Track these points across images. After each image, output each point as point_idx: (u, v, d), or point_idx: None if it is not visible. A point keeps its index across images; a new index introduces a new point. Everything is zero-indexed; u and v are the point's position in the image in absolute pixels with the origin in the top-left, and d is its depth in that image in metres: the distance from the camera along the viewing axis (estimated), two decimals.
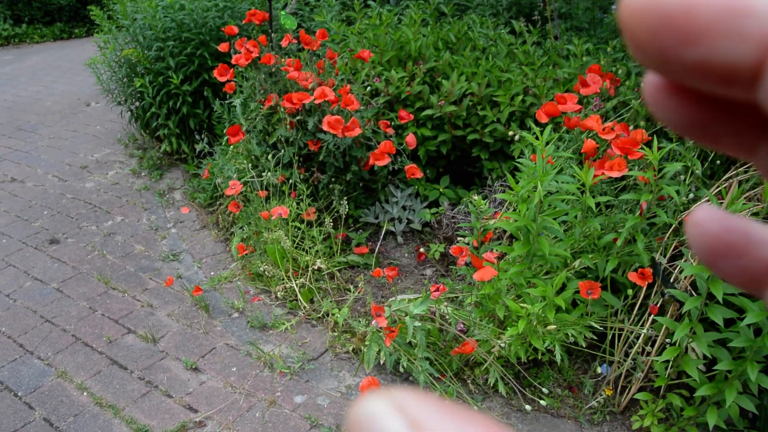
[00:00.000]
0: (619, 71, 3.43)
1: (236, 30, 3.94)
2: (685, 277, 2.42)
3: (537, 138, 2.45)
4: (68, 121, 6.40)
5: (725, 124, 0.25)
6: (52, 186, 4.90)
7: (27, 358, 3.07)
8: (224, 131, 3.77)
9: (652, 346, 2.48)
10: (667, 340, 2.42)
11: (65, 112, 6.74)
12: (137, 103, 5.18)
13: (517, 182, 2.49)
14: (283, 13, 4.22)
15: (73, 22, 11.00)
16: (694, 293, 2.36)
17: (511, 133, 3.29)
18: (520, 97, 3.59)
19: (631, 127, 2.89)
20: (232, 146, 3.74)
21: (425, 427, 0.20)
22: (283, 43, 3.83)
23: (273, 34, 4.10)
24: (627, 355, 2.57)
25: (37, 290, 3.58)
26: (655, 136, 2.67)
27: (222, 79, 3.79)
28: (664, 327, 2.43)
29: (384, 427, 0.20)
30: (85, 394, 2.82)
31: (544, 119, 2.91)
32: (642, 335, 2.47)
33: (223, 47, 3.90)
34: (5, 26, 10.64)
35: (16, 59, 9.43)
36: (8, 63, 9.19)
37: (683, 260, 2.50)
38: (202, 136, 4.52)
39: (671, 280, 2.48)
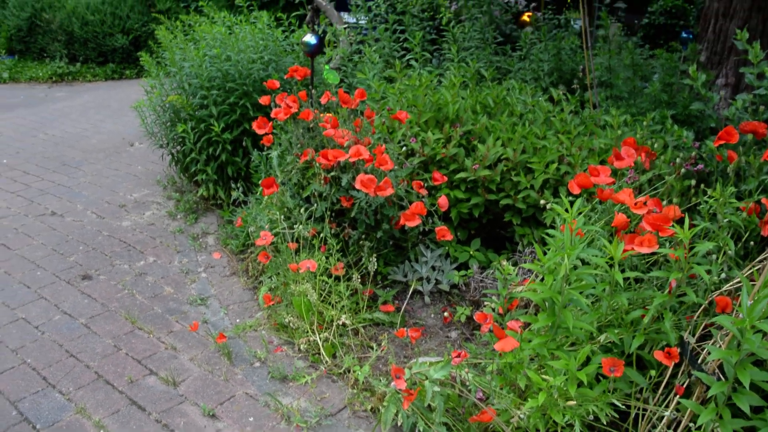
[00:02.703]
0: (656, 144, 3.43)
1: (278, 84, 4.04)
2: (714, 360, 2.37)
3: (567, 210, 2.46)
4: (111, 160, 6.56)
5: None
6: (90, 222, 5.00)
7: (49, 391, 3.10)
8: (260, 181, 3.83)
9: (676, 429, 2.42)
10: (692, 424, 2.36)
11: (109, 150, 6.91)
12: (178, 147, 5.30)
13: (546, 252, 2.48)
14: (327, 67, 4.32)
15: (125, 64, 11.33)
16: (722, 377, 2.32)
17: (543, 201, 3.29)
18: (555, 165, 3.61)
19: (664, 203, 2.88)
20: (266, 197, 3.80)
21: None
22: (323, 100, 3.91)
23: (314, 90, 4.19)
24: None
25: (65, 324, 3.64)
26: (687, 213, 2.65)
27: (261, 132, 3.87)
28: (689, 410, 2.37)
29: None
30: None
31: (576, 190, 2.92)
32: (666, 417, 2.41)
33: (264, 100, 4.00)
34: (60, 64, 11.01)
35: (68, 96, 9.73)
36: (60, 99, 9.48)
37: (712, 342, 2.45)
38: (239, 184, 4.60)
39: (699, 361, 2.43)
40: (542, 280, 2.58)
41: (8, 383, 3.16)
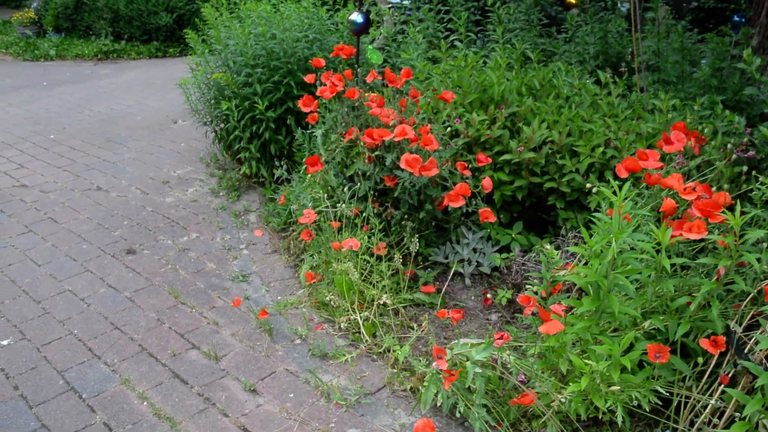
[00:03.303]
0: (705, 130, 3.36)
1: (323, 62, 4.04)
2: (761, 350, 2.33)
3: (615, 193, 2.42)
4: (155, 137, 6.64)
5: None
6: (135, 198, 5.07)
7: (94, 362, 3.16)
8: (303, 159, 3.84)
9: (720, 417, 2.39)
10: (737, 414, 2.33)
11: (153, 127, 6.99)
12: (222, 125, 5.33)
13: (591, 236, 2.45)
14: (370, 47, 4.31)
15: (169, 42, 11.43)
16: None
17: (588, 185, 3.25)
18: (601, 149, 3.55)
19: (713, 189, 2.82)
20: (309, 175, 3.81)
21: None
22: (368, 79, 3.89)
23: (359, 69, 4.18)
24: (692, 424, 2.47)
25: (110, 297, 3.70)
26: (738, 200, 2.59)
27: (306, 110, 3.87)
28: (734, 399, 2.33)
29: None
30: (145, 403, 2.88)
31: (624, 174, 2.87)
32: (710, 405, 2.38)
33: (309, 78, 4.00)
34: (106, 42, 11.16)
35: (113, 73, 9.85)
36: (106, 77, 9.61)
37: (759, 331, 2.40)
38: (282, 162, 4.62)
39: (745, 351, 2.39)
40: (586, 264, 2.56)
41: (55, 353, 3.23)
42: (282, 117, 4.94)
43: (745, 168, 3.08)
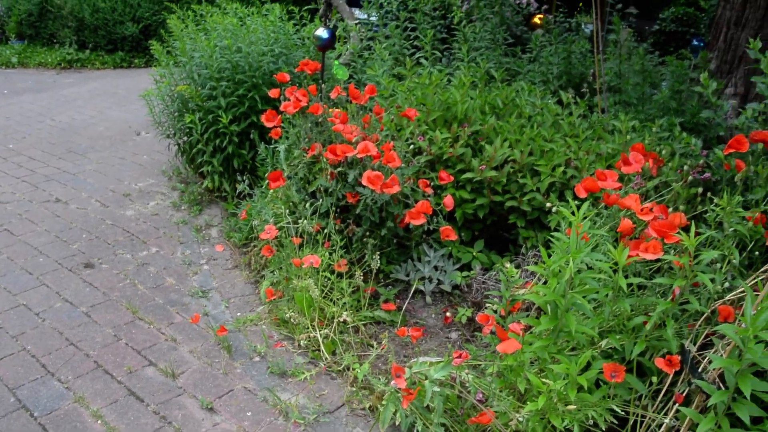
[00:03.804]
0: (663, 151, 3.41)
1: (288, 77, 4.03)
2: (714, 369, 2.36)
3: (573, 213, 2.44)
4: (117, 148, 6.56)
5: None
6: (94, 210, 5.00)
7: (47, 379, 3.09)
8: (266, 174, 3.82)
9: None
10: None
11: (115, 138, 6.91)
12: (185, 138, 5.29)
13: (550, 255, 2.47)
14: (336, 63, 4.31)
15: (134, 52, 11.34)
16: (722, 386, 2.31)
17: (548, 204, 3.28)
18: (561, 168, 3.59)
19: (670, 210, 2.87)
20: (272, 190, 3.79)
21: None
22: (332, 95, 3.90)
23: (323, 85, 4.18)
24: None
25: (66, 312, 3.63)
26: (693, 221, 2.64)
27: (269, 125, 3.86)
28: (688, 418, 2.36)
29: None
30: (99, 422, 2.83)
31: (583, 194, 2.91)
32: (665, 424, 2.40)
33: (273, 93, 3.99)
34: (70, 50, 11.02)
35: (77, 83, 9.73)
36: (69, 86, 9.49)
37: (713, 351, 2.44)
38: (245, 176, 4.59)
39: (699, 370, 2.42)
40: (545, 283, 2.57)
41: (7, 370, 3.15)
42: (246, 131, 4.92)
43: (700, 189, 3.13)
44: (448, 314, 3.56)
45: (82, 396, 2.98)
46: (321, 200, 3.60)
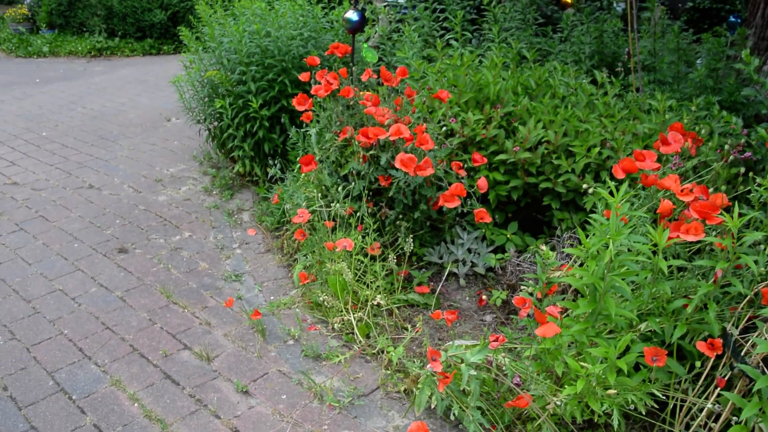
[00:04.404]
0: (702, 131, 3.34)
1: (318, 61, 4.00)
2: (758, 353, 2.31)
3: (612, 194, 2.40)
4: (148, 135, 6.60)
5: None
6: (127, 196, 5.03)
7: (84, 363, 3.13)
8: (297, 158, 3.80)
9: (716, 421, 2.37)
10: (734, 417, 2.31)
11: (146, 125, 6.95)
12: (216, 123, 5.30)
13: (587, 237, 2.43)
14: (365, 46, 4.28)
15: (163, 39, 11.38)
16: (766, 371, 2.25)
17: (585, 185, 3.22)
18: (597, 149, 3.53)
19: (711, 190, 2.80)
20: (303, 174, 3.78)
21: None
22: (363, 78, 3.86)
23: (354, 67, 4.15)
24: (688, 427, 2.45)
25: (101, 297, 3.66)
26: (736, 201, 2.57)
27: (300, 108, 3.84)
28: (730, 402, 2.31)
29: None
30: (136, 405, 2.85)
31: (620, 175, 2.85)
32: (706, 409, 2.36)
33: (304, 77, 3.97)
34: (99, 39, 11.09)
35: (107, 70, 9.80)
36: (99, 74, 9.56)
37: (756, 334, 2.39)
38: (276, 161, 4.58)
39: (742, 354, 2.37)
40: (581, 265, 2.53)
41: (45, 353, 3.19)
42: (276, 115, 4.91)
43: (742, 169, 3.06)
44: (482, 297, 3.53)
45: (119, 379, 3.01)
46: (353, 183, 3.57)
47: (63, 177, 5.42)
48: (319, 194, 3.61)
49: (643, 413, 2.40)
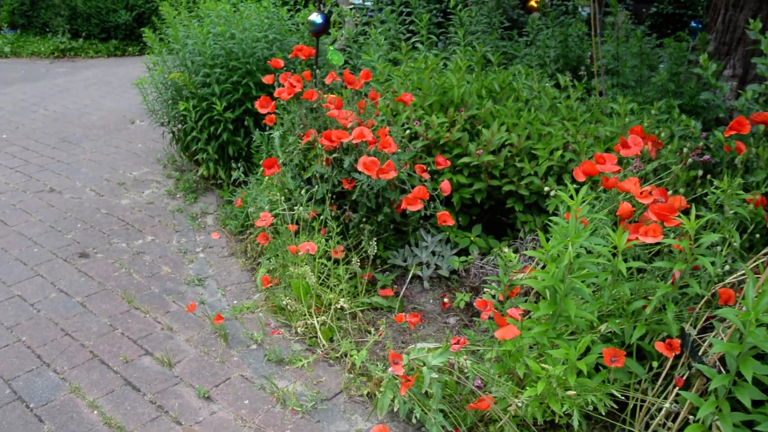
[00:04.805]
0: (662, 134, 3.38)
1: (282, 63, 3.99)
2: (715, 353, 2.34)
3: (572, 197, 2.41)
4: (112, 137, 6.51)
5: None
6: (89, 200, 4.96)
7: (43, 370, 3.07)
8: (261, 161, 3.78)
9: (674, 420, 2.40)
10: (691, 416, 2.34)
11: (110, 127, 6.86)
12: (179, 126, 5.25)
13: (549, 240, 2.44)
14: (331, 48, 4.27)
15: (128, 41, 11.26)
16: (723, 370, 2.28)
17: (547, 188, 3.25)
18: (560, 152, 3.56)
19: (669, 193, 2.84)
20: (267, 177, 3.75)
21: None
22: (327, 80, 3.85)
23: (318, 70, 4.13)
24: (647, 427, 2.48)
25: (61, 303, 3.60)
26: (693, 204, 2.61)
27: (263, 111, 3.82)
28: (688, 402, 2.35)
29: None
30: (95, 412, 2.80)
31: (581, 178, 2.87)
32: (664, 408, 2.38)
33: (267, 79, 3.94)
34: (63, 39, 10.93)
35: (70, 72, 9.66)
36: (62, 75, 9.42)
37: (713, 334, 2.42)
38: (240, 164, 4.55)
39: (699, 354, 2.40)
40: (543, 268, 2.55)
41: (2, 361, 3.13)
42: (240, 118, 4.88)
43: (700, 172, 3.10)
44: (446, 300, 3.54)
45: (78, 386, 2.96)
46: (317, 187, 3.56)
47: (23, 180, 5.33)
48: (283, 197, 3.59)
49: (604, 414, 2.42)
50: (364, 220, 3.61)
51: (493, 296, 2.89)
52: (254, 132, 4.45)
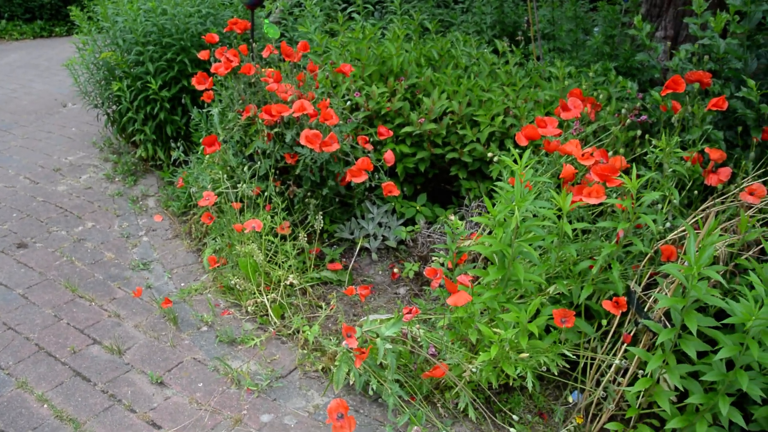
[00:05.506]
0: (600, 96, 3.43)
1: (217, 38, 3.90)
2: (660, 308, 2.40)
3: (515, 162, 2.43)
4: (43, 122, 6.31)
5: None
6: (23, 188, 4.80)
7: None
8: (201, 140, 3.71)
9: (624, 376, 2.46)
10: (640, 371, 2.40)
11: (41, 112, 6.64)
12: (114, 107, 5.11)
13: (494, 205, 2.46)
14: (266, 21, 4.19)
15: (54, 21, 10.88)
16: (668, 324, 2.35)
17: (490, 154, 3.27)
18: (501, 118, 3.58)
19: (610, 154, 2.88)
20: (208, 156, 3.69)
21: None
22: (264, 54, 3.79)
23: (254, 44, 4.06)
24: (599, 383, 2.54)
25: (1, 296, 3.49)
26: (634, 163, 2.66)
27: (200, 88, 3.74)
28: (636, 357, 2.41)
29: None
30: (45, 406, 2.74)
31: (523, 142, 2.90)
32: (614, 365, 2.44)
33: (203, 55, 3.86)
34: None
35: None
36: None
37: (658, 290, 2.48)
38: (179, 143, 4.46)
39: (645, 310, 2.46)
40: (490, 233, 2.57)
41: None
42: (177, 96, 4.77)
43: (639, 132, 3.15)
44: (395, 270, 3.55)
45: (25, 381, 2.88)
46: (259, 163, 3.51)
47: None
48: (225, 175, 3.54)
49: (556, 374, 2.48)
50: (309, 194, 3.58)
51: (442, 264, 2.91)
52: (192, 110, 4.36)
